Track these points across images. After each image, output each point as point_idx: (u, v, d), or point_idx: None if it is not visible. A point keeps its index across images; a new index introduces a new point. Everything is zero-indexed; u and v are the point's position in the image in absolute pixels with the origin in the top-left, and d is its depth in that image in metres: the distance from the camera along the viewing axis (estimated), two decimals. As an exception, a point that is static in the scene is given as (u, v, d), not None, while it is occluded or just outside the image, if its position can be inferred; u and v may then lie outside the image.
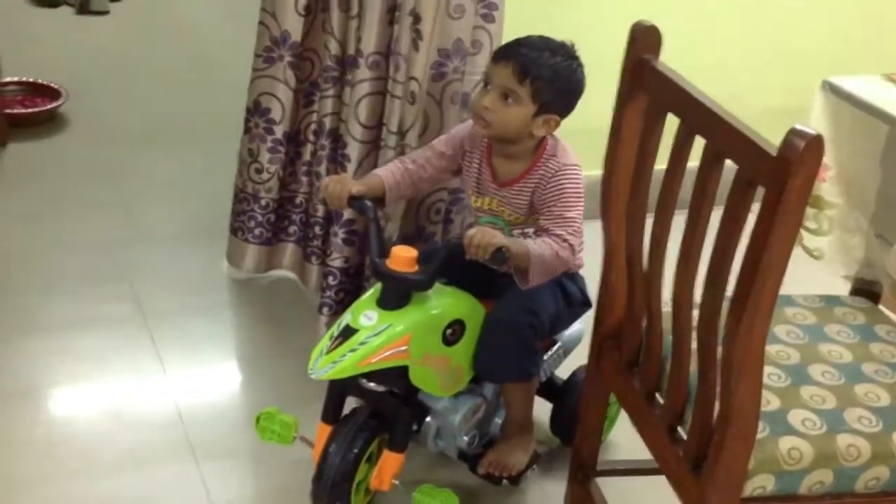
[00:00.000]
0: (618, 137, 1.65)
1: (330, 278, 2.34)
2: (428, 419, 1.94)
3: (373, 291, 1.82)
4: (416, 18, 2.06)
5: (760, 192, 1.32)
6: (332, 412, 1.89)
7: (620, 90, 1.64)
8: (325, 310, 2.36)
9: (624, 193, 1.66)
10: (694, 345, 1.50)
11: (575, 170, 1.89)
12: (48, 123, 3.36)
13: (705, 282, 1.43)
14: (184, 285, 2.62)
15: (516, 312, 1.89)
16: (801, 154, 1.24)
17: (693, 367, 1.52)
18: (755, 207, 1.32)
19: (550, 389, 2.14)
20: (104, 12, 4.40)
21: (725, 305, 1.40)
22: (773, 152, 1.27)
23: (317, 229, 2.43)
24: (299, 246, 2.56)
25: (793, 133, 1.25)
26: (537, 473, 2.05)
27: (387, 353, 1.74)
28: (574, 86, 1.88)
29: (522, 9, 2.37)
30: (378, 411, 1.87)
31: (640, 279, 1.65)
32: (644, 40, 1.59)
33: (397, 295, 1.78)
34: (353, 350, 1.71)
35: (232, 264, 2.61)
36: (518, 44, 1.86)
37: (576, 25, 2.78)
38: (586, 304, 2.01)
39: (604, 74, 1.79)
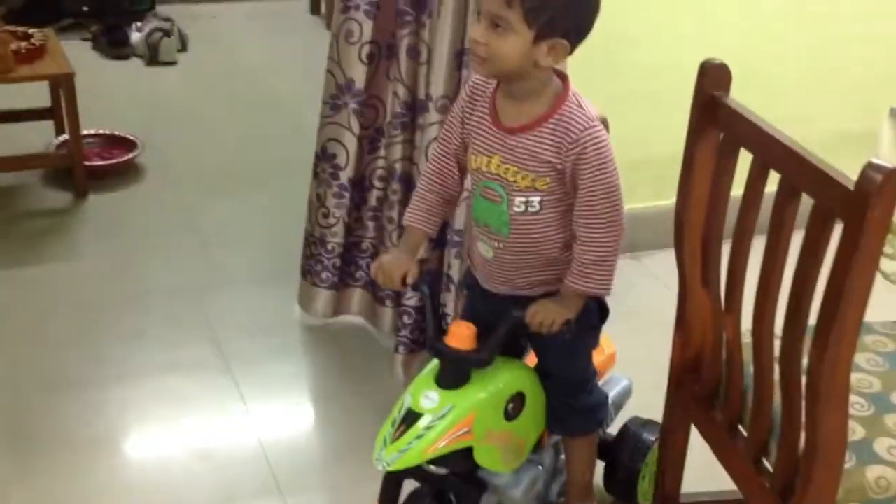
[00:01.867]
0: (690, 171, 1.68)
1: (405, 318, 2.38)
2: (486, 495, 1.85)
3: (430, 369, 1.74)
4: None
5: (839, 223, 1.34)
6: (390, 497, 1.83)
7: (691, 126, 1.67)
8: (402, 348, 2.41)
9: (698, 226, 1.68)
10: (776, 376, 1.52)
11: (601, 126, 1.62)
12: (125, 174, 3.48)
13: (786, 313, 1.45)
14: (260, 327, 2.69)
15: (571, 372, 1.83)
16: (880, 187, 1.26)
17: (776, 397, 1.54)
18: (834, 236, 1.34)
19: (603, 447, 2.06)
20: (172, 63, 4.55)
21: (806, 336, 1.42)
22: (851, 186, 1.30)
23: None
24: (368, 291, 2.61)
25: (870, 167, 1.27)
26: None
27: (454, 436, 1.67)
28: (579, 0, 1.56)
29: (586, 48, 2.41)
30: (439, 494, 1.82)
31: (718, 310, 1.67)
32: (714, 77, 1.62)
33: (457, 373, 1.71)
34: (418, 437, 1.64)
35: (303, 308, 2.67)
36: None
37: (638, 64, 2.86)
38: (605, 312, 1.82)
39: (674, 107, 1.82)
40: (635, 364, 2.17)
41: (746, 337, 1.60)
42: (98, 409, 2.36)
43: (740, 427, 1.69)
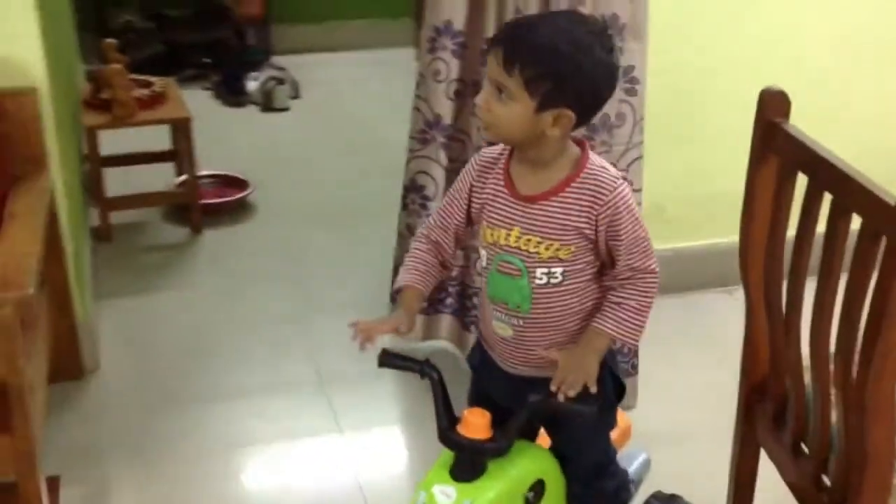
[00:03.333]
0: (752, 197, 1.75)
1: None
2: None
3: (442, 462, 1.64)
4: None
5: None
6: None
7: (752, 153, 1.75)
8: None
9: (761, 250, 1.75)
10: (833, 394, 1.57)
11: (626, 183, 1.59)
12: (237, 211, 3.70)
13: (839, 330, 1.50)
14: (355, 352, 2.83)
15: (591, 456, 1.77)
16: (919, 203, 1.32)
17: (834, 415, 1.59)
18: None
19: None
20: (285, 109, 4.80)
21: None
22: (893, 202, 1.36)
23: (474, 300, 2.60)
24: (456, 317, 2.72)
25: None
26: None
27: None
28: (588, 68, 1.45)
29: (663, 78, 2.50)
30: None
31: (780, 332, 1.73)
32: (773, 105, 1.70)
33: (473, 464, 1.61)
34: None
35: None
36: (510, 24, 1.57)
37: (712, 92, 2.92)
38: (622, 390, 1.76)
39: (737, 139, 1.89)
40: (730, 398, 2.07)
41: (808, 359, 1.65)
42: (205, 424, 2.55)
43: (803, 445, 1.74)
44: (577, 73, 1.45)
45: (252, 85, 4.86)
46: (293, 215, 3.70)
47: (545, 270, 1.57)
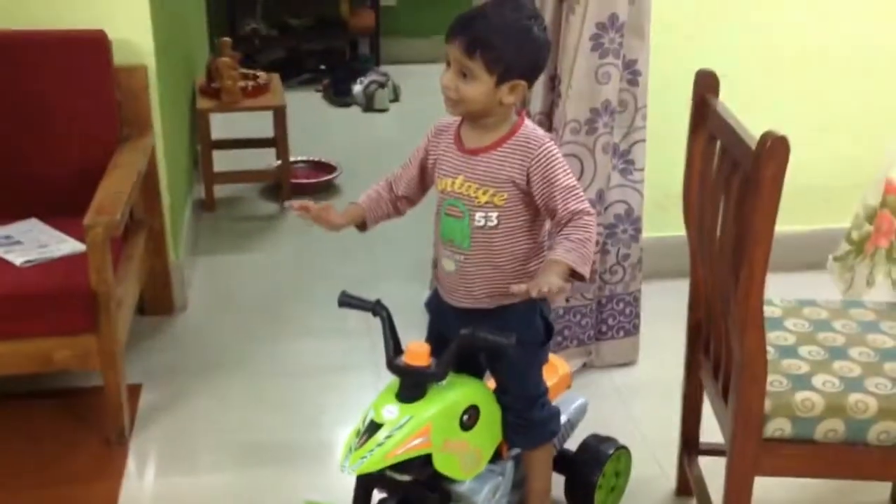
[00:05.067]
0: (690, 160, 2.10)
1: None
2: None
3: (390, 385, 1.91)
4: (559, 81, 2.61)
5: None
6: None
7: (690, 124, 2.08)
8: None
9: (696, 202, 2.08)
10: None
11: (553, 143, 1.87)
12: (324, 191, 4.19)
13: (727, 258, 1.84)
14: (402, 311, 3.24)
15: (523, 388, 2.00)
16: (769, 150, 1.65)
17: (734, 335, 1.91)
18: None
19: (563, 462, 2.25)
20: (384, 110, 5.29)
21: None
22: (753, 146, 1.69)
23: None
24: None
25: (765, 133, 1.66)
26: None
27: (411, 444, 1.82)
28: (532, 45, 1.81)
29: (662, 68, 2.83)
30: (404, 501, 1.97)
31: (707, 273, 2.06)
32: (705, 83, 2.04)
33: (415, 388, 1.87)
34: (379, 444, 1.80)
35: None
36: (465, 17, 1.81)
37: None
38: (550, 330, 2.01)
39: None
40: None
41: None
42: (272, 356, 3.03)
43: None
44: (524, 52, 1.81)
45: (357, 88, 5.37)
46: None
47: (483, 214, 1.87)
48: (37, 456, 2.55)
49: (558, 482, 2.26)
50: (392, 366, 1.88)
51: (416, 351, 1.86)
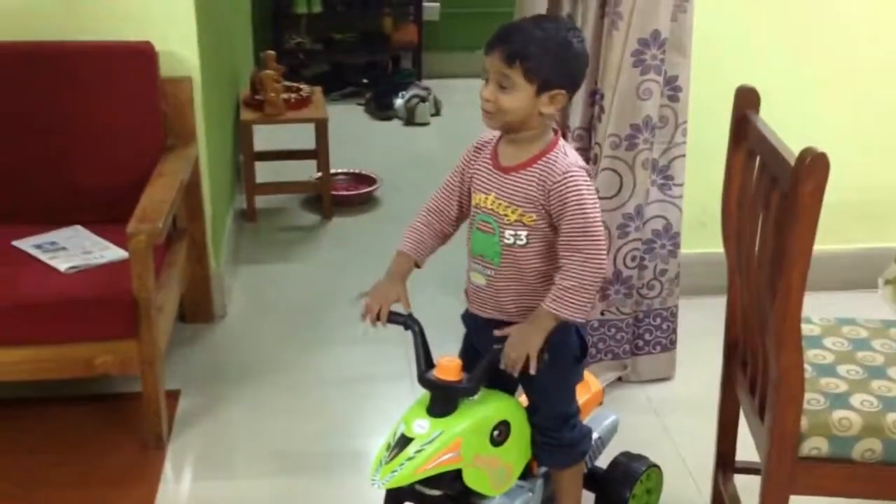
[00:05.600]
0: (729, 176, 2.09)
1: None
2: None
3: (421, 400, 1.91)
4: (601, 97, 2.61)
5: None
6: None
7: (730, 139, 2.08)
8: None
9: (735, 218, 2.07)
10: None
11: (583, 172, 1.85)
12: (365, 204, 4.23)
13: (763, 277, 1.83)
14: (431, 319, 3.27)
15: (554, 407, 2.00)
16: (808, 166, 1.64)
17: (771, 353, 1.89)
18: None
19: (593, 479, 2.24)
20: (425, 124, 5.32)
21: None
22: (792, 162, 1.68)
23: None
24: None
25: (805, 150, 1.66)
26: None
27: (441, 459, 1.82)
28: (571, 55, 1.82)
29: (705, 84, 2.82)
30: None
31: (745, 289, 2.04)
32: (745, 99, 2.04)
33: (446, 402, 1.86)
34: (409, 459, 1.80)
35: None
36: (504, 29, 1.83)
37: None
38: (585, 348, 2.01)
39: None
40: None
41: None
42: (307, 364, 3.05)
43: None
44: (563, 62, 1.83)
45: (398, 102, 5.41)
46: (412, 211, 4.06)
47: (512, 232, 1.88)
48: (76, 458, 2.59)
49: (588, 500, 2.24)
50: (423, 380, 1.88)
51: (448, 366, 1.86)
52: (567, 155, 1.87)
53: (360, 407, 2.85)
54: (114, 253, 2.70)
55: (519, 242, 1.89)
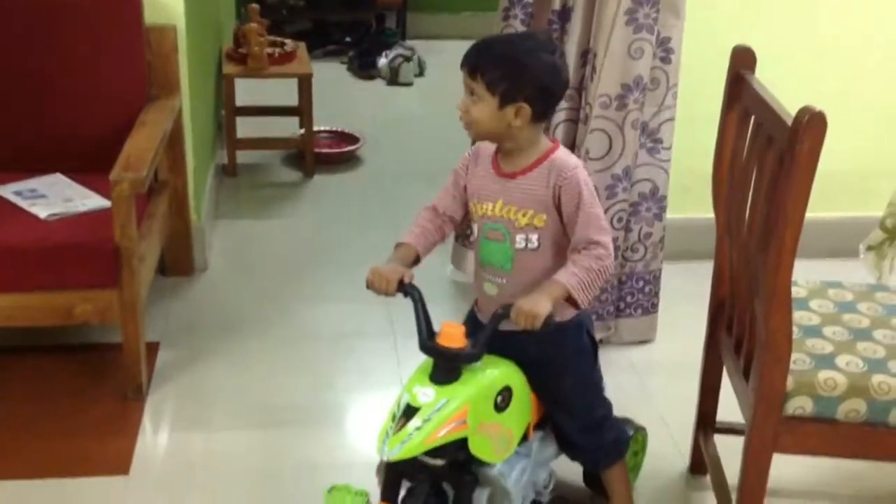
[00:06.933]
0: (722, 137, 2.09)
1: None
2: (478, 489, 1.96)
3: (422, 368, 1.87)
4: (594, 55, 2.59)
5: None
6: (392, 493, 1.94)
7: (724, 100, 2.07)
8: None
9: (727, 179, 2.07)
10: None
11: (584, 170, 1.89)
12: (346, 162, 4.19)
13: (756, 235, 1.82)
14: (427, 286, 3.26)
15: (593, 411, 2.05)
16: (806, 125, 1.64)
17: (759, 313, 1.90)
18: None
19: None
20: (408, 84, 5.28)
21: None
22: (789, 122, 1.68)
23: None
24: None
25: (803, 108, 1.65)
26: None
27: (450, 427, 1.79)
28: (535, 68, 1.81)
29: (695, 49, 2.81)
30: (437, 486, 1.93)
31: (735, 252, 2.05)
32: (742, 59, 2.02)
33: (450, 370, 1.83)
34: (418, 428, 1.77)
35: (455, 267, 3.19)
36: (476, 44, 1.86)
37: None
38: (595, 346, 2.07)
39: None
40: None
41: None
42: (287, 319, 3.04)
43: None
44: (525, 73, 1.81)
45: (382, 62, 5.36)
46: (394, 170, 4.16)
47: (523, 236, 1.90)
48: (54, 408, 2.56)
49: (576, 466, 2.23)
50: (426, 348, 1.84)
51: (451, 333, 1.82)
52: (568, 157, 1.91)
53: (341, 362, 2.84)
54: (95, 201, 2.66)
55: (531, 246, 1.91)
